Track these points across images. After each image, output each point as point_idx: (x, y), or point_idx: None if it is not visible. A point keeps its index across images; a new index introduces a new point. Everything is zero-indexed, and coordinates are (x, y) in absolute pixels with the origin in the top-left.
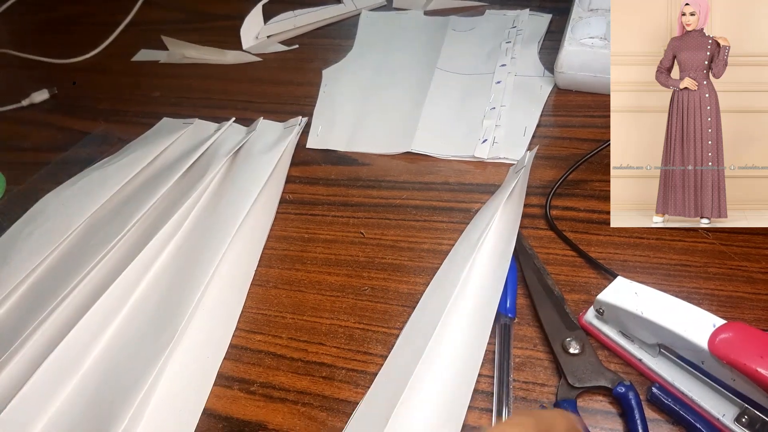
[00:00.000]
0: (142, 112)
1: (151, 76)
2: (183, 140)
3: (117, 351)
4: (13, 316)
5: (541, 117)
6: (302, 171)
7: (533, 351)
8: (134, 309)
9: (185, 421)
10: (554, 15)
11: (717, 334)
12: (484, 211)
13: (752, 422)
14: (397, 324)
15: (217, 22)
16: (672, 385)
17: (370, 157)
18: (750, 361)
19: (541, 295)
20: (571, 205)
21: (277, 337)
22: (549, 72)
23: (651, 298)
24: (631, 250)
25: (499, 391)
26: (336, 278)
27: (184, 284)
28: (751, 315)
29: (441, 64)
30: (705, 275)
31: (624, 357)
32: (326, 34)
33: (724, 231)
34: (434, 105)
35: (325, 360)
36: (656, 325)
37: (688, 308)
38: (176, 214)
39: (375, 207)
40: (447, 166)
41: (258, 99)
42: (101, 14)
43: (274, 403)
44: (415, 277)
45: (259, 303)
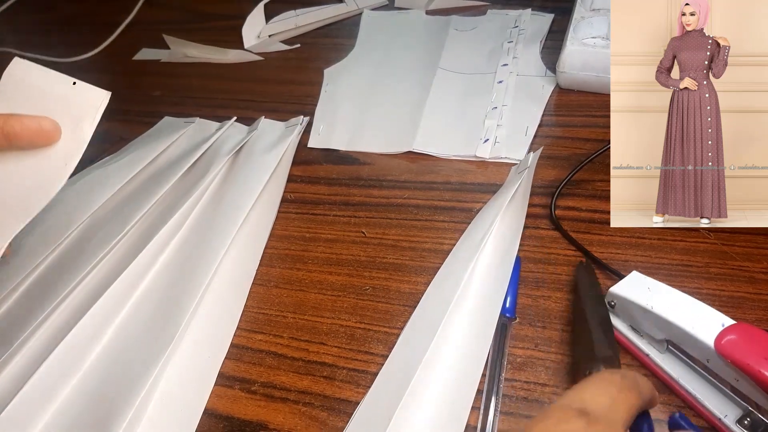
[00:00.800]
0: (143, 111)
1: (153, 75)
2: (184, 139)
3: (118, 350)
4: (14, 315)
5: (542, 117)
6: (304, 170)
7: (534, 351)
8: (135, 308)
9: (186, 420)
10: (556, 15)
11: (725, 333)
12: (486, 211)
13: (754, 425)
14: (398, 324)
15: (218, 21)
16: (677, 383)
17: (371, 156)
18: (754, 362)
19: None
20: (573, 205)
21: (279, 336)
22: (551, 72)
23: (663, 293)
24: (632, 250)
25: (488, 389)
26: (337, 278)
27: (186, 283)
28: (753, 315)
29: (443, 64)
30: (707, 275)
31: (632, 351)
32: (328, 34)
33: (726, 231)
34: (436, 104)
35: (326, 360)
36: (665, 320)
37: (699, 306)
38: (177, 214)
39: (376, 206)
40: (448, 165)
41: (259, 98)
42: (102, 13)
43: (275, 402)
44: (417, 277)
45: (260, 302)
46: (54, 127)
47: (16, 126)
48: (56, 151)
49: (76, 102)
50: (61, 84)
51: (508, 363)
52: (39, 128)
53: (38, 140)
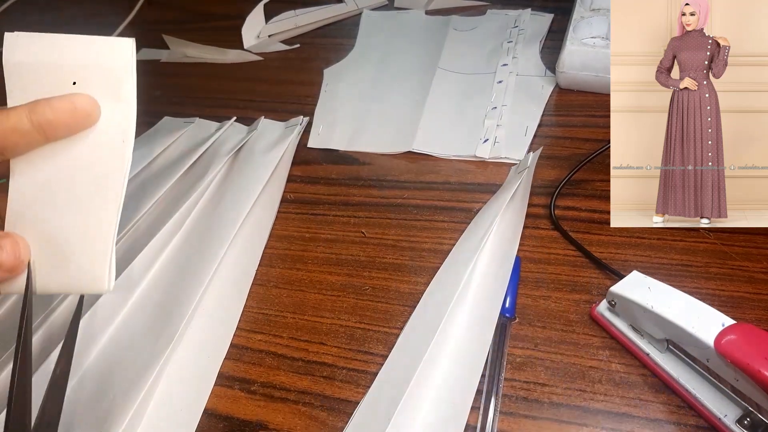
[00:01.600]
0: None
1: (152, 75)
2: (184, 139)
3: (118, 350)
4: (14, 314)
5: (542, 117)
6: (303, 170)
7: (533, 351)
8: (135, 308)
9: (186, 420)
10: (556, 15)
11: (725, 333)
12: (485, 212)
13: (754, 425)
14: (398, 324)
15: (218, 21)
16: (677, 382)
17: (371, 156)
18: (754, 362)
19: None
20: (573, 205)
21: (278, 336)
22: (551, 72)
23: (663, 293)
24: (632, 250)
25: (488, 389)
26: (337, 278)
27: (185, 284)
28: (753, 315)
29: (442, 64)
30: (706, 275)
31: (633, 351)
32: (327, 34)
33: (726, 231)
34: (435, 104)
35: (325, 360)
36: (665, 320)
37: (699, 306)
38: (177, 214)
39: (376, 206)
40: (448, 165)
41: (259, 98)
42: (102, 13)
43: (274, 402)
44: (416, 277)
45: (260, 302)
46: (90, 102)
47: (47, 113)
48: (104, 128)
49: (102, 64)
50: (77, 48)
51: (508, 363)
52: (73, 108)
53: (77, 123)
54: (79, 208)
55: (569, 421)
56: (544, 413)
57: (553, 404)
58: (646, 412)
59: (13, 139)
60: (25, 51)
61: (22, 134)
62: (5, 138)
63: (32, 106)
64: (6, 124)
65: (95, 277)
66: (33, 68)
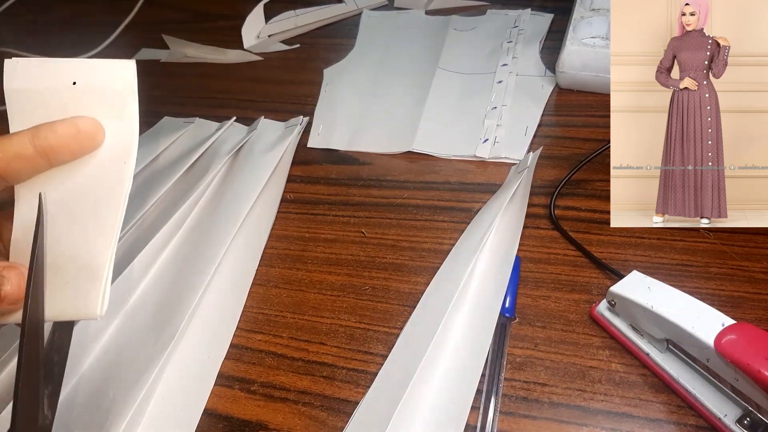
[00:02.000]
0: (142, 110)
1: (152, 75)
2: (184, 139)
3: (118, 350)
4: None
5: (542, 117)
6: (303, 170)
7: (533, 351)
8: (135, 308)
9: (186, 420)
10: (556, 15)
11: (725, 333)
12: (485, 211)
13: (754, 425)
14: (398, 323)
15: (218, 21)
16: (677, 382)
17: (371, 156)
18: (754, 362)
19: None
20: (572, 205)
21: (278, 336)
22: (550, 71)
23: (663, 293)
24: (632, 249)
25: (488, 389)
26: (337, 278)
27: (185, 284)
28: (753, 315)
29: (442, 64)
30: (706, 275)
31: (633, 351)
32: (327, 34)
33: (726, 231)
34: (435, 104)
35: (325, 359)
36: (665, 319)
37: (699, 306)
38: (177, 214)
39: (376, 206)
40: (448, 165)
41: (259, 98)
42: (102, 13)
43: (274, 402)
44: (416, 277)
45: (259, 302)
46: (94, 125)
47: (50, 137)
48: (107, 151)
49: (104, 87)
50: (77, 72)
51: (508, 363)
52: (76, 131)
53: (81, 146)
54: (79, 233)
55: (569, 421)
56: (543, 413)
57: (552, 404)
58: (646, 412)
59: (17, 166)
60: (26, 77)
61: (26, 160)
62: (8, 164)
63: (35, 131)
64: (9, 150)
65: (88, 304)
66: (34, 94)
